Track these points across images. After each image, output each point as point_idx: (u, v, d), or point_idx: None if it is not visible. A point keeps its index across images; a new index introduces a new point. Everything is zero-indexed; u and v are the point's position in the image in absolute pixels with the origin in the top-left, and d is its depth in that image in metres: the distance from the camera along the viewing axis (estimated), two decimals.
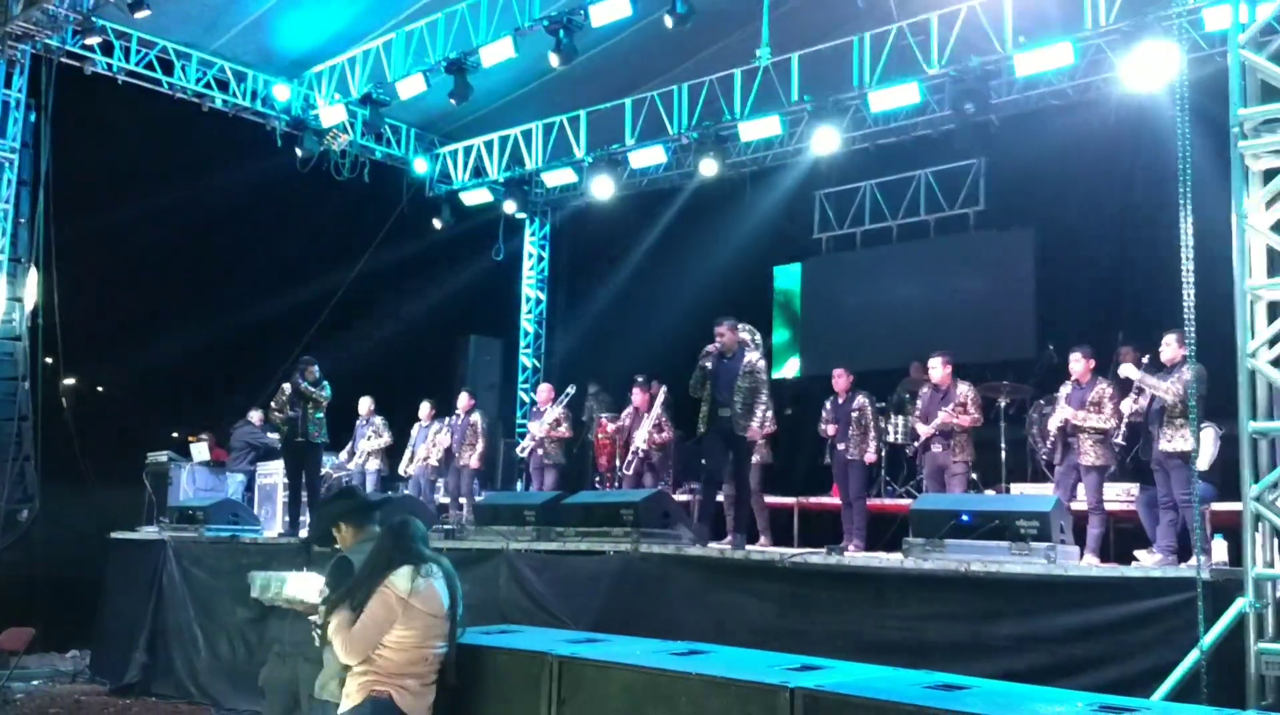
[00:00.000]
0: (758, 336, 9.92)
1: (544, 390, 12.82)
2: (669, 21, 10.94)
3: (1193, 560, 7.11)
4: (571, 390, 12.75)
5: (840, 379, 10.10)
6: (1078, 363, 8.55)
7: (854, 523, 9.59)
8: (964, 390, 9.20)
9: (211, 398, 16.49)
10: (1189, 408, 7.45)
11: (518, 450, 12.93)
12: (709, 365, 8.68)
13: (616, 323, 15.79)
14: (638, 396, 11.69)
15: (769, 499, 10.68)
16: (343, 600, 4.63)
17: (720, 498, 9.20)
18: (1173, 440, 7.72)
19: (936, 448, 9.19)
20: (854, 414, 9.82)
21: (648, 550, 7.86)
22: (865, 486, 9.99)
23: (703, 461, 9.12)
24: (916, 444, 9.57)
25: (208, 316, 16.93)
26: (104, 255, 15.70)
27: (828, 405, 10.17)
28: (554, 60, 11.76)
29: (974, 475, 9.70)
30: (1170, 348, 7.93)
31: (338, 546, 5.33)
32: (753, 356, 8.77)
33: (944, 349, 9.52)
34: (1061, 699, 3.87)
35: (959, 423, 9.08)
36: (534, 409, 13.13)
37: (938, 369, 9.37)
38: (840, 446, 9.84)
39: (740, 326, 8.99)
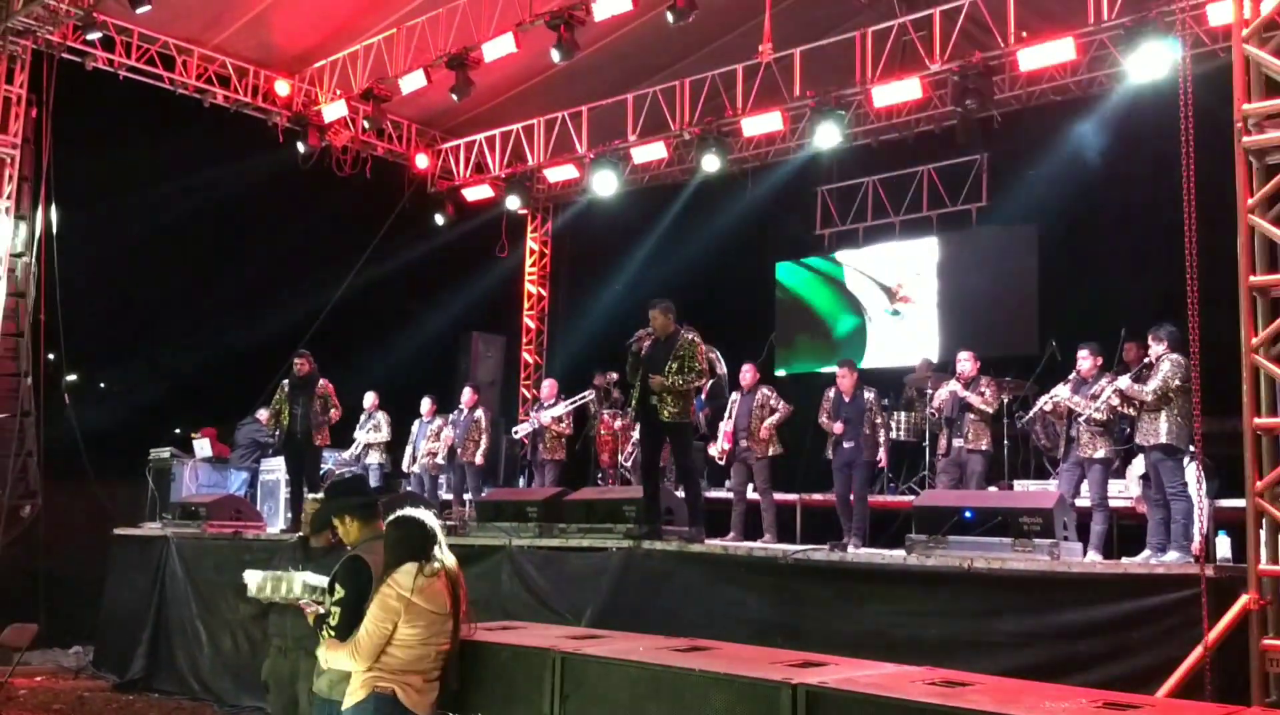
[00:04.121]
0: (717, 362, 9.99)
1: (549, 385, 12.81)
2: (670, 17, 10.91)
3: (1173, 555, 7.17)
4: (589, 395, 12.67)
5: (845, 379, 10.01)
6: (1085, 360, 8.54)
7: (859, 520, 9.59)
8: (984, 379, 9.60)
9: (213, 394, 16.48)
10: (1166, 398, 7.52)
11: (514, 431, 12.84)
12: (639, 350, 8.48)
13: (618, 319, 15.77)
14: None
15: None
16: (358, 608, 4.62)
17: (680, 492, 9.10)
18: (1147, 434, 7.74)
19: (957, 442, 9.30)
20: (865, 413, 9.79)
21: (650, 547, 7.85)
22: (869, 484, 10.01)
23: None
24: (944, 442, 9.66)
25: (210, 312, 16.93)
26: (106, 251, 15.67)
27: (829, 395, 10.06)
28: (556, 56, 11.75)
29: None
30: (1149, 348, 7.96)
31: (335, 540, 5.30)
32: (684, 342, 8.41)
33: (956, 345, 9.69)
34: (1065, 696, 3.86)
35: (970, 399, 9.29)
36: (539, 404, 13.10)
37: (967, 363, 9.62)
38: (848, 445, 9.76)
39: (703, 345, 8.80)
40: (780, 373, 14.97)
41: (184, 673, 10.68)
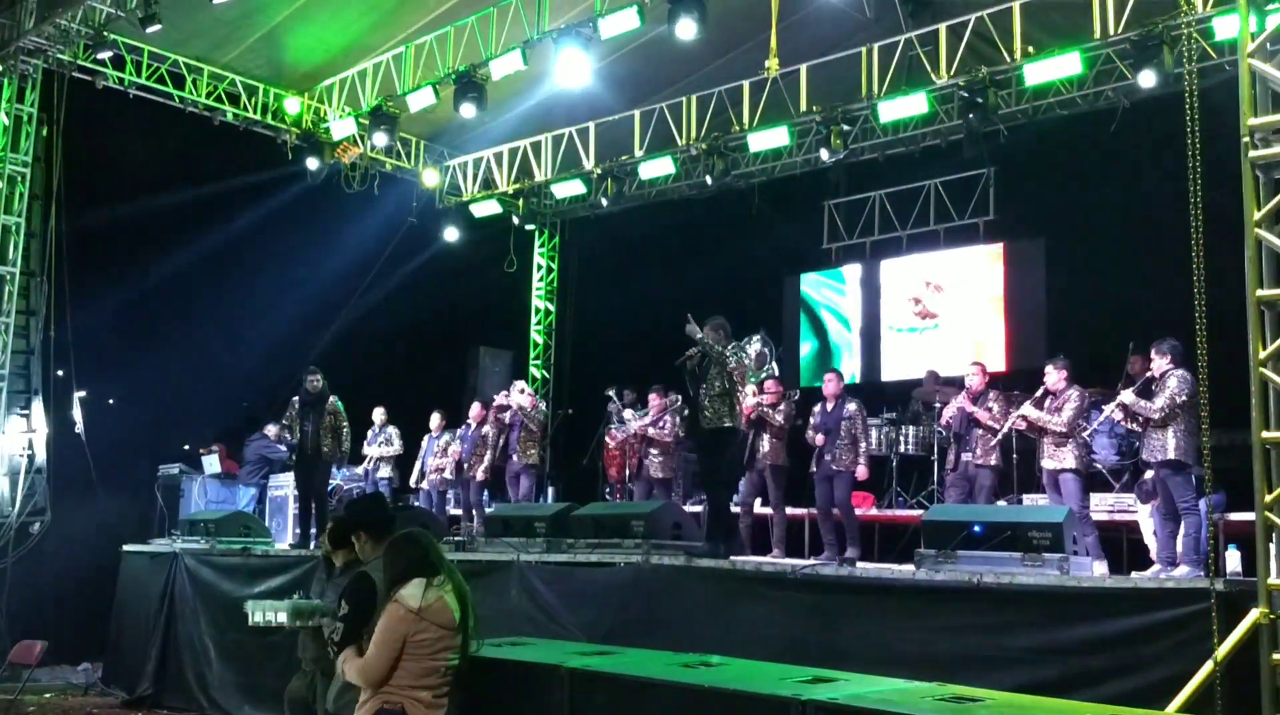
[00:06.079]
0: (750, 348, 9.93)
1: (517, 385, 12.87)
2: (680, 31, 10.93)
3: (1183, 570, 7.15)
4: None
5: (830, 384, 9.79)
6: (1051, 374, 8.54)
7: (850, 533, 9.49)
8: (992, 393, 9.48)
9: (222, 410, 16.52)
10: (1173, 414, 7.54)
11: (494, 399, 12.63)
12: (692, 367, 8.65)
13: (625, 333, 15.79)
14: (655, 402, 11.61)
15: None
16: (359, 625, 4.62)
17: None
18: (1154, 450, 7.73)
19: (965, 456, 9.30)
20: (844, 422, 9.51)
21: (658, 562, 7.85)
22: (849, 495, 9.66)
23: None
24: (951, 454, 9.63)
25: (219, 329, 16.97)
26: (115, 268, 15.74)
27: (816, 411, 9.86)
28: (563, 73, 11.79)
29: None
30: (1152, 362, 7.95)
31: (354, 557, 5.32)
32: (724, 357, 8.58)
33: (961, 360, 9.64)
34: (1075, 711, 3.86)
35: (978, 414, 9.22)
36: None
37: (975, 377, 9.54)
38: (826, 457, 9.45)
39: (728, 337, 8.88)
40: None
41: (193, 689, 10.67)
